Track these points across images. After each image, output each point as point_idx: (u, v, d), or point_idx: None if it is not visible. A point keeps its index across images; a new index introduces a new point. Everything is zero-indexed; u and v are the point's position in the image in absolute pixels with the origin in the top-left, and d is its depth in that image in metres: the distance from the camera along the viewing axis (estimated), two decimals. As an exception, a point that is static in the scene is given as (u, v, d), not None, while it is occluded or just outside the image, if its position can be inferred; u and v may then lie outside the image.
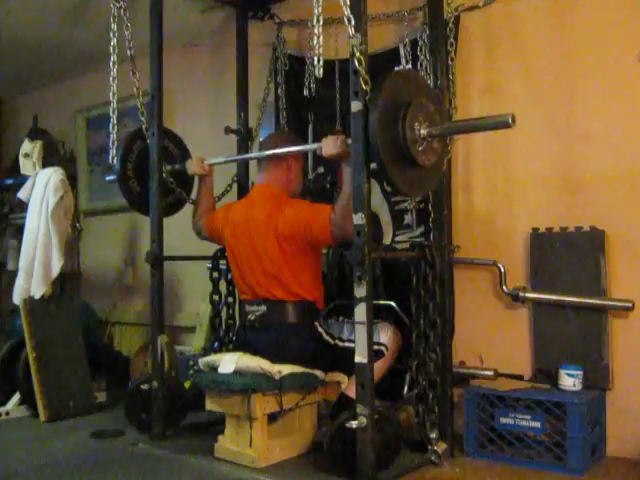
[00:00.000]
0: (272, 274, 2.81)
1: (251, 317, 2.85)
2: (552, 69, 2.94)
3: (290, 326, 2.79)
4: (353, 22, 2.31)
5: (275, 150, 2.92)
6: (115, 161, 3.24)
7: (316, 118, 3.59)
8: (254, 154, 3.39)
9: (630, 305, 2.69)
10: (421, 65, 3.14)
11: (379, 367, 2.62)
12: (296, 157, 3.00)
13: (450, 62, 2.89)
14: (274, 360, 2.69)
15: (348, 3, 2.31)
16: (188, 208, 3.44)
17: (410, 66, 3.20)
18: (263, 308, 2.83)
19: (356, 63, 2.31)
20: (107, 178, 3.48)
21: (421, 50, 3.14)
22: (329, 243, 2.85)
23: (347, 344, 2.75)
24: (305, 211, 2.78)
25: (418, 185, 2.51)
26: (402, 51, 3.23)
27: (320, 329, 2.80)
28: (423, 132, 2.37)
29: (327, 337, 2.80)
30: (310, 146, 2.93)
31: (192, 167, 3.20)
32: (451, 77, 2.89)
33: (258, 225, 2.85)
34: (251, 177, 3.58)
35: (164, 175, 3.19)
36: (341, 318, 2.97)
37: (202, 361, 2.90)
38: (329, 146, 2.62)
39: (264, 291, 2.84)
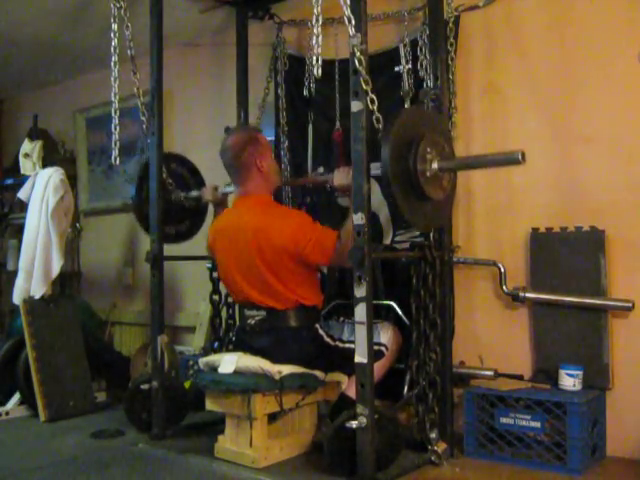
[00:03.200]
0: (268, 288, 2.76)
1: (251, 321, 2.83)
2: (552, 69, 2.94)
3: (291, 329, 2.77)
4: (353, 22, 2.31)
5: (242, 158, 2.85)
6: (116, 161, 3.22)
7: (316, 118, 3.59)
8: None
9: (630, 305, 2.69)
10: (421, 65, 3.14)
11: (379, 367, 2.62)
12: (261, 154, 2.87)
13: (450, 62, 2.89)
14: (274, 361, 2.68)
15: (348, 3, 2.31)
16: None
17: (410, 66, 3.20)
18: (263, 313, 2.80)
19: (356, 63, 2.31)
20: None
21: (421, 50, 3.14)
22: (322, 264, 2.89)
23: (347, 345, 2.74)
24: (310, 231, 2.71)
25: (429, 218, 2.54)
26: (402, 51, 3.24)
27: (321, 331, 2.79)
28: (434, 166, 2.39)
29: (328, 339, 2.79)
30: (322, 177, 3.15)
31: (206, 195, 3.24)
32: (451, 77, 2.89)
33: (250, 238, 2.75)
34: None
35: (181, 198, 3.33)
36: (341, 319, 2.97)
37: (202, 361, 2.90)
38: (339, 177, 2.71)
39: (261, 302, 2.80)
